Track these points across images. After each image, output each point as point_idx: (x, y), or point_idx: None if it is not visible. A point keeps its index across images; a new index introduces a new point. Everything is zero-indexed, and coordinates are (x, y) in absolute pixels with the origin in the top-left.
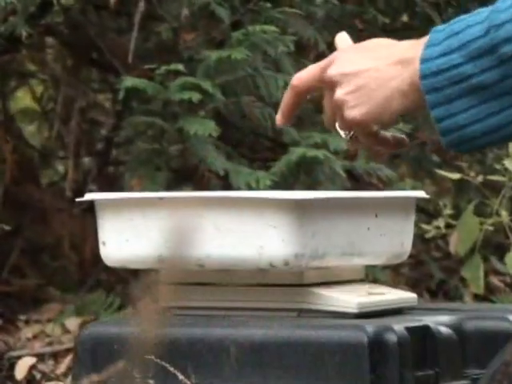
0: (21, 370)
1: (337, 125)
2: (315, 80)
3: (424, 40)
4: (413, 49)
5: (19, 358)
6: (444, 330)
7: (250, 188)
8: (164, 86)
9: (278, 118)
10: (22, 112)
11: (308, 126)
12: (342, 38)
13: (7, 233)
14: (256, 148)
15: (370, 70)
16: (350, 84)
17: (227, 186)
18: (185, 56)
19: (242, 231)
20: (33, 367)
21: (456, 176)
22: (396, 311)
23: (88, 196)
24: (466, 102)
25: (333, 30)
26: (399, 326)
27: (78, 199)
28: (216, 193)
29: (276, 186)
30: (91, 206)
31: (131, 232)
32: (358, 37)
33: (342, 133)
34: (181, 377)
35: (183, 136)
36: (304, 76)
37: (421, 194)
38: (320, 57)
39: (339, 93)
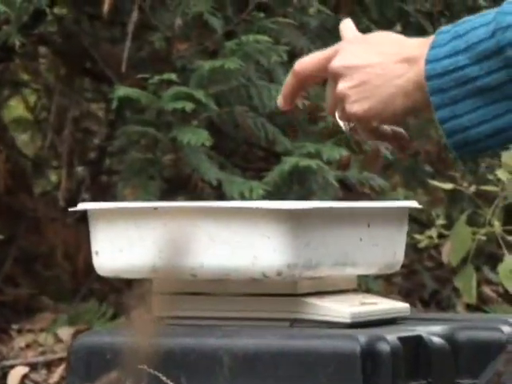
0: (13, 379)
1: (337, 115)
2: (318, 69)
3: (430, 39)
4: (419, 48)
5: (12, 367)
6: (437, 339)
7: (243, 197)
8: (157, 96)
9: (280, 101)
10: (15, 121)
11: (301, 136)
12: (347, 26)
13: (1, 242)
14: (249, 158)
15: (375, 65)
16: (353, 78)
17: (220, 195)
18: (178, 65)
19: (236, 241)
20: (25, 376)
21: (449, 186)
22: (389, 321)
23: (81, 206)
24: (471, 103)
25: (326, 40)
26: (392, 335)
27: (71, 209)
28: (210, 203)
29: (269, 195)
30: (84, 215)
31: (124, 242)
32: None
33: (341, 123)
34: None
35: (176, 145)
36: (307, 63)
37: (413, 203)
38: None
39: (342, 86)
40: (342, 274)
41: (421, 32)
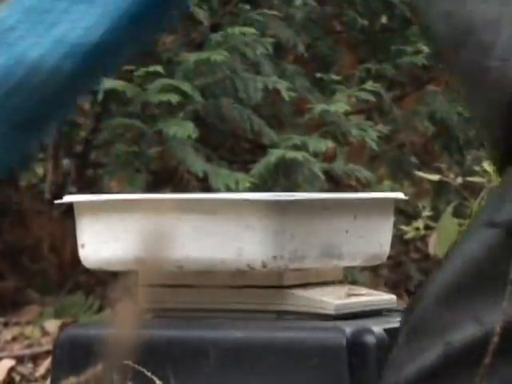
0: (0, 372)
1: None
2: None
3: None
4: None
5: None
6: None
7: (229, 190)
8: (143, 88)
9: None
10: None
11: (287, 128)
12: None
13: None
14: (235, 150)
15: None
16: None
17: (206, 187)
18: (164, 58)
19: (221, 233)
20: (12, 369)
21: (435, 177)
22: (375, 313)
23: (67, 198)
24: None
25: (312, 32)
26: (378, 327)
27: (56, 201)
28: (194, 195)
29: (255, 187)
30: (70, 208)
31: (110, 234)
32: (336, 39)
33: None
34: (158, 382)
35: (162, 138)
36: None
37: (399, 195)
38: (299, 58)
39: None
40: (328, 266)
41: (406, 24)
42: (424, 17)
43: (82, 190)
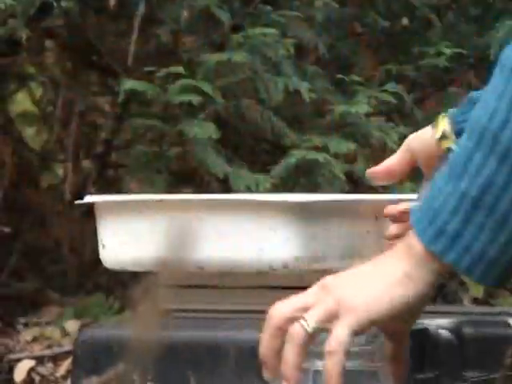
0: (20, 372)
1: None
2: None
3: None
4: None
5: (18, 360)
6: (443, 333)
7: (249, 191)
8: (164, 89)
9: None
10: (22, 115)
11: (308, 129)
12: None
13: (7, 236)
14: (256, 151)
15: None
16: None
17: (227, 189)
18: (185, 58)
19: (242, 234)
20: (32, 370)
21: None
22: None
23: (87, 198)
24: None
25: (332, 33)
26: None
27: (77, 202)
28: (216, 195)
29: (276, 189)
30: (90, 209)
31: (130, 234)
32: (357, 40)
33: None
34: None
35: (183, 139)
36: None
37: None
38: (320, 60)
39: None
40: (349, 267)
41: (427, 25)
42: None
43: (102, 191)
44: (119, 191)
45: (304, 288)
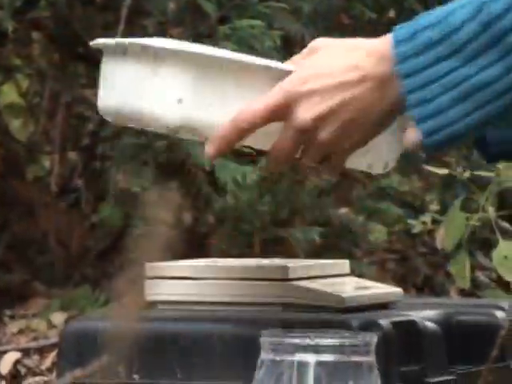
0: (6, 364)
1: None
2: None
3: (383, 50)
4: (380, 65)
5: (4, 352)
6: (430, 325)
7: (236, 183)
8: None
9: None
10: (8, 107)
11: None
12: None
13: None
14: None
15: (349, 102)
16: (333, 125)
17: (214, 180)
18: None
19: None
20: (18, 362)
21: (443, 171)
22: (382, 306)
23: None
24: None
25: (320, 25)
26: (385, 320)
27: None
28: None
29: (263, 182)
30: (77, 200)
31: None
32: (344, 32)
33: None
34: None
35: None
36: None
37: None
38: None
39: (323, 136)
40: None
41: (414, 17)
42: None
43: (88, 183)
44: (106, 183)
45: (290, 280)
